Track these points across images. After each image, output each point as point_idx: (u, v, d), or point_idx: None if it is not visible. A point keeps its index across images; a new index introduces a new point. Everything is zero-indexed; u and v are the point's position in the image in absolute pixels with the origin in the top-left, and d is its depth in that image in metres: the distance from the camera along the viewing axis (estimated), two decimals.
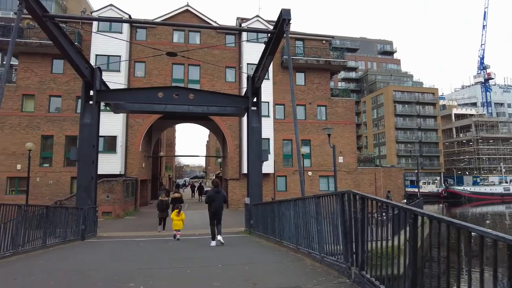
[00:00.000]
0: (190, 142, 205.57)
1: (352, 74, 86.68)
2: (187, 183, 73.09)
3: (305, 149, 24.38)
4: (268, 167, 24.34)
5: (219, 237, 9.06)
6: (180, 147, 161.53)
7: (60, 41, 10.57)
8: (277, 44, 11.42)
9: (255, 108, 14.32)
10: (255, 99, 14.37)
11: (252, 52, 24.98)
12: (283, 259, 6.65)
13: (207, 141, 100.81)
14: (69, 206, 11.20)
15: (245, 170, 24.48)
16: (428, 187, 58.09)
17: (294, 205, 7.45)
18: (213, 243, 8.94)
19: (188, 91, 14.46)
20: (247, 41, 24.68)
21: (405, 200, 26.10)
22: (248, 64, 24.99)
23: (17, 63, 24.36)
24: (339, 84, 77.63)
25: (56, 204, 17.84)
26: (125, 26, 24.05)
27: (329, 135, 16.94)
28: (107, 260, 7.14)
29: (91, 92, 13.59)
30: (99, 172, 22.26)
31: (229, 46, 25.84)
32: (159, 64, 24.66)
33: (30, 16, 24.44)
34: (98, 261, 6.93)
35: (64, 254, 8.10)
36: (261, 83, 13.99)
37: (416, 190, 38.35)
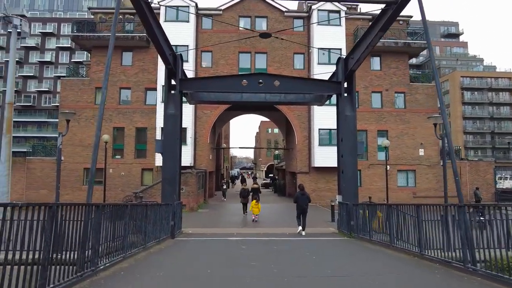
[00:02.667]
0: (238, 134, 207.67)
1: (412, 60, 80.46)
2: (237, 174, 73.34)
3: (382, 140, 22.16)
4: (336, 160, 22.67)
5: (303, 232, 11.48)
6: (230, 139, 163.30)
7: (151, 22, 9.77)
8: (395, 17, 9.63)
9: (347, 95, 12.73)
10: (346, 85, 12.78)
11: (323, 36, 23.19)
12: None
13: (257, 132, 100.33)
14: (162, 203, 10.53)
15: (315, 163, 22.97)
16: (506, 182, 52.11)
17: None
18: (302, 232, 11.46)
19: (273, 78, 13.19)
20: (318, 23, 22.88)
21: None
22: (318, 48, 23.23)
23: (74, 59, 24.92)
24: None
25: (136, 196, 17.79)
26: (192, 15, 23.42)
27: (435, 124, 14.69)
28: (231, 268, 6.12)
29: (173, 82, 12.94)
30: None
31: (298, 30, 24.21)
32: (225, 53, 23.80)
33: (102, 10, 24.96)
34: (224, 270, 5.93)
35: (175, 258, 7.30)
36: (359, 66, 12.28)
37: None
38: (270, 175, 68.95)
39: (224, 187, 26.42)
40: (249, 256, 7.51)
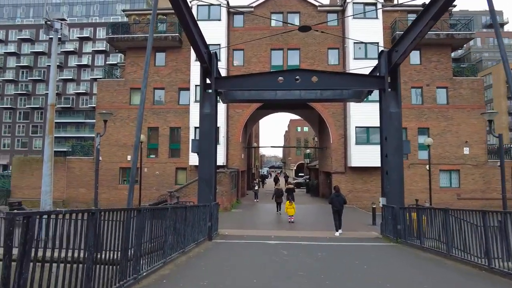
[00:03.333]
0: (266, 132, 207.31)
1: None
2: (266, 173, 72.98)
3: (424, 139, 20.88)
4: (375, 159, 21.65)
5: (340, 231, 12.10)
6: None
7: (187, 19, 9.54)
8: (450, 3, 8.78)
9: (391, 90, 11.92)
10: (390, 79, 11.98)
11: (358, 30, 22.20)
12: None
13: (286, 131, 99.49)
14: (200, 204, 10.30)
15: (352, 163, 22.08)
16: None
17: None
18: (337, 233, 11.99)
19: (311, 74, 12.64)
20: (353, 16, 21.92)
21: None
22: (355, 43, 22.30)
23: (108, 60, 25.41)
24: None
25: (171, 195, 17.86)
26: (224, 13, 23.24)
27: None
28: (279, 278, 5.70)
29: (207, 80, 12.74)
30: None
31: (332, 25, 23.34)
32: (257, 51, 23.43)
33: (135, 12, 25.38)
34: (271, 281, 5.52)
35: (217, 264, 6.98)
36: (404, 59, 11.45)
37: None
38: (300, 174, 68.09)
39: (256, 187, 24.81)
40: (294, 264, 7.05)
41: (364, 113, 21.71)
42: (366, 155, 21.48)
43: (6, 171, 54.90)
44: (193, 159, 21.94)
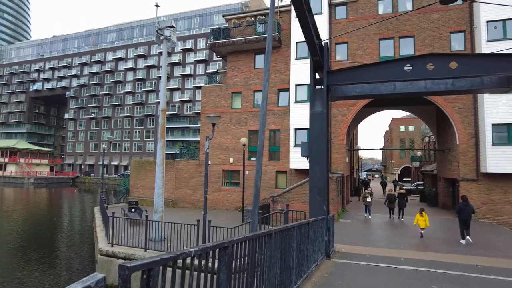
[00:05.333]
0: (362, 133, 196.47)
1: None
2: (366, 177, 67.95)
3: None
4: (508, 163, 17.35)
5: (468, 238, 11.98)
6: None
7: (303, 4, 8.37)
8: None
9: None
10: None
11: (494, 6, 18.09)
12: None
13: (387, 131, 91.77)
14: (319, 218, 9.02)
15: (487, 168, 18.08)
16: None
17: None
18: (463, 241, 12.00)
19: (447, 58, 10.20)
20: None
21: None
22: (488, 21, 18.33)
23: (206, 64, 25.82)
24: None
25: (274, 200, 17.08)
26: (325, 6, 21.66)
27: None
28: None
29: (317, 76, 11.42)
30: (303, 167, 21.03)
31: (455, 5, 19.67)
32: (363, 42, 21.18)
33: (235, 16, 25.66)
34: None
35: None
36: None
37: None
38: (405, 179, 61.46)
39: (369, 199, 18.58)
40: None
41: (504, 106, 17.63)
42: (507, 159, 17.38)
43: (126, 171, 62.91)
44: (295, 163, 20.89)
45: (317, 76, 11.43)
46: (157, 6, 14.17)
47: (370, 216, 18.55)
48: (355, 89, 12.62)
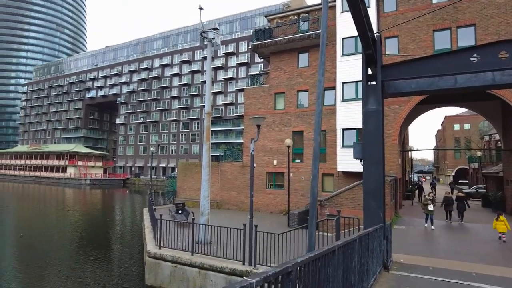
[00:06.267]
0: (411, 132, 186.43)
1: None
2: (418, 180, 63.87)
3: None
4: None
5: None
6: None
7: None
8: None
9: None
10: None
11: None
12: None
13: (439, 130, 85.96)
14: (377, 227, 8.27)
15: None
16: None
17: None
18: None
19: None
20: None
21: None
22: None
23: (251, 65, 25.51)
24: None
25: (321, 205, 16.35)
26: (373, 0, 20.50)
27: None
28: None
29: (369, 71, 10.62)
30: (352, 169, 20.01)
31: None
32: (415, 35, 19.71)
33: (277, 15, 25.27)
34: None
35: None
36: None
37: None
38: (461, 181, 56.87)
39: (431, 207, 15.83)
40: None
41: None
42: None
43: (174, 172, 65.07)
44: (342, 165, 19.94)
45: (369, 72, 10.64)
46: (200, 8, 14.18)
47: (433, 227, 15.71)
48: (410, 84, 11.59)
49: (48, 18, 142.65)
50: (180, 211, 18.43)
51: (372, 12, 20.35)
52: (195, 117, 76.89)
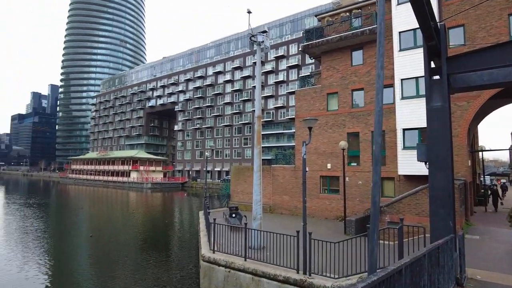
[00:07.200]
0: (481, 130, 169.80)
1: None
2: (490, 183, 57.52)
3: None
4: None
5: None
6: None
7: None
8: None
9: None
10: None
11: None
12: None
13: None
14: (448, 239, 7.38)
15: None
16: None
17: None
18: None
19: None
20: None
21: None
22: None
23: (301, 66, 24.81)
24: None
25: (382, 211, 15.31)
26: None
27: None
28: None
29: (432, 64, 9.65)
30: (414, 173, 18.52)
31: None
32: (485, 22, 17.70)
33: (328, 13, 24.52)
34: None
35: None
36: None
37: None
38: None
39: None
40: None
41: None
42: None
43: (228, 176, 66.55)
44: (404, 168, 18.54)
45: (432, 65, 9.67)
46: (249, 12, 14.15)
47: None
48: (482, 77, 10.32)
49: (113, 35, 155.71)
50: (233, 215, 18.54)
51: (433, 1, 18.75)
52: (247, 121, 78.00)
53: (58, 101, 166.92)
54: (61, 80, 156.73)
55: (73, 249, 20.06)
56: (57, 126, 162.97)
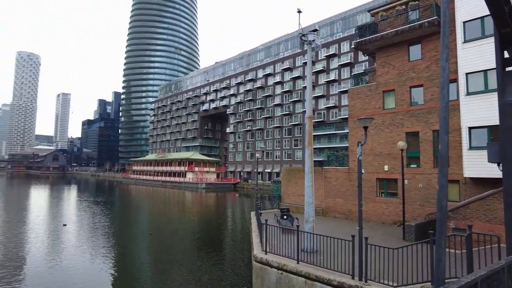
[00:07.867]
0: None
1: None
2: None
3: None
4: None
5: None
6: None
7: None
8: None
9: None
10: None
11: None
12: None
13: None
14: None
15: None
16: None
17: None
18: None
19: None
20: None
21: None
22: None
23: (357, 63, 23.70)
24: None
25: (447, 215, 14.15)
26: None
27: None
28: None
29: (506, 54, 8.66)
30: (483, 175, 16.85)
31: None
32: None
33: (381, 8, 23.41)
34: None
35: None
36: None
37: None
38: None
39: None
40: None
41: None
42: None
43: (278, 177, 66.54)
44: (470, 169, 16.97)
45: (506, 55, 8.69)
46: (299, 12, 14.00)
47: None
48: None
49: (169, 44, 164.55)
50: (285, 217, 18.44)
51: None
52: (297, 122, 77.40)
53: (120, 107, 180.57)
54: (123, 88, 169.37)
55: (135, 245, 21.46)
56: (120, 130, 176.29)
